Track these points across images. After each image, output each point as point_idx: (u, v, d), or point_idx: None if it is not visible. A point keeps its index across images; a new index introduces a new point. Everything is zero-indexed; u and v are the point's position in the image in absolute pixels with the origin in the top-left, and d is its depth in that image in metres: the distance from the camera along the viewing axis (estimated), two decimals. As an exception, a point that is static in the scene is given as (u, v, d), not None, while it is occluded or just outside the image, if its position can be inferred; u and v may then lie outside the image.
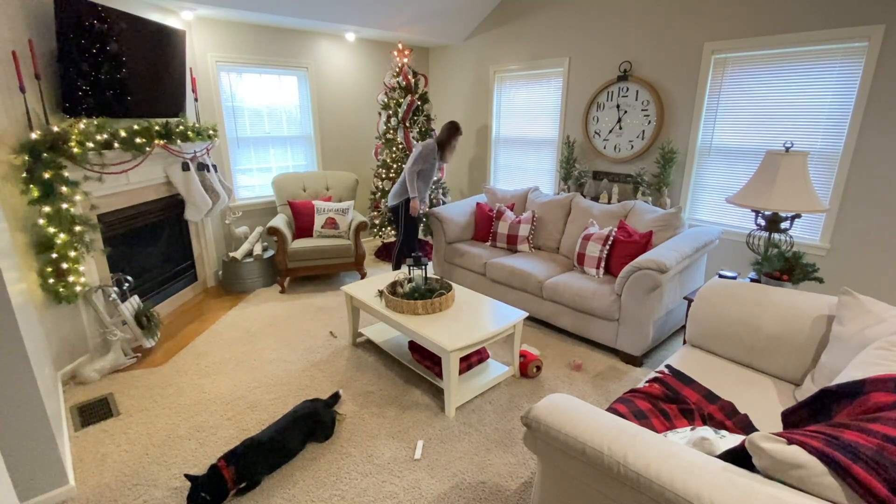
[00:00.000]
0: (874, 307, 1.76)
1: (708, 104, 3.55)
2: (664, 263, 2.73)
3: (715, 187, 3.64)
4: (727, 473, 1.05)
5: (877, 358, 1.47)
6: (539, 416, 1.35)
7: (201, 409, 2.53)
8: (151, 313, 3.16)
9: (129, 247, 3.39)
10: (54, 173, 2.51)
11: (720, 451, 1.19)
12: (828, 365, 1.76)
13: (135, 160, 3.08)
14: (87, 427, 2.39)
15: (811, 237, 3.20)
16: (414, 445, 2.26)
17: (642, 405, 1.72)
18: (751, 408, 1.78)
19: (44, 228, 2.53)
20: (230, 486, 1.91)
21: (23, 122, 2.52)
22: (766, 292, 2.12)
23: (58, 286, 2.60)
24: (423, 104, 4.83)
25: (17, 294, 1.86)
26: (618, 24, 3.95)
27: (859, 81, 2.86)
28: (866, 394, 1.26)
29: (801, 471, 0.98)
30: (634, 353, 2.94)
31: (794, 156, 2.32)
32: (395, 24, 4.67)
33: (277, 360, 3.04)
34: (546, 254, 3.87)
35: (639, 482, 1.11)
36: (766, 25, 3.17)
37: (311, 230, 4.37)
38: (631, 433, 1.21)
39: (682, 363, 2.10)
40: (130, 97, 3.13)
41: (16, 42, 2.50)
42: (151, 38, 3.26)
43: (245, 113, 4.61)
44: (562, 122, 4.53)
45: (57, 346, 2.73)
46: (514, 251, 3.95)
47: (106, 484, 2.03)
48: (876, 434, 0.99)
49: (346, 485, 2.02)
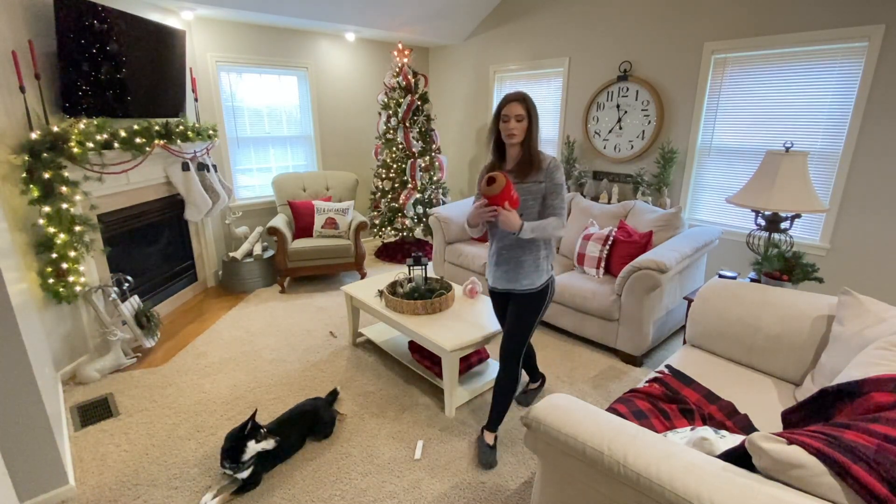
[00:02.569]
0: (874, 307, 1.76)
1: (708, 104, 3.55)
2: (664, 263, 2.73)
3: (715, 187, 3.64)
4: (727, 473, 1.05)
5: (877, 358, 1.47)
6: (539, 416, 1.35)
7: (201, 409, 2.53)
8: (151, 313, 3.16)
9: (129, 247, 3.39)
10: (54, 173, 2.51)
11: (720, 451, 1.19)
12: (828, 365, 1.75)
13: (135, 160, 3.08)
14: (87, 427, 2.38)
15: (811, 237, 3.20)
16: (414, 445, 2.26)
17: (642, 405, 1.72)
18: (751, 408, 1.78)
19: (44, 228, 2.53)
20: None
21: (23, 121, 2.51)
22: (766, 292, 2.12)
23: (58, 286, 2.59)
24: (423, 104, 4.83)
25: (17, 294, 1.86)
26: (618, 24, 3.95)
27: (859, 81, 2.85)
28: (866, 394, 1.26)
29: (801, 471, 0.98)
30: (634, 353, 2.94)
31: (794, 156, 2.32)
32: (394, 24, 4.67)
33: (277, 360, 3.04)
34: (546, 254, 3.86)
35: (639, 482, 1.11)
36: (766, 25, 3.16)
37: (311, 230, 4.36)
38: (631, 433, 1.21)
39: (682, 363, 2.10)
40: (130, 97, 3.13)
41: (16, 42, 2.50)
42: (151, 38, 3.26)
43: (245, 113, 4.61)
44: (562, 121, 4.52)
45: (57, 346, 2.73)
46: (514, 251, 3.94)
47: (106, 484, 2.03)
48: (876, 434, 0.99)
49: (346, 484, 2.02)
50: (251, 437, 1.96)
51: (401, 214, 4.88)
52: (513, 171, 2.00)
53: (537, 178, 1.96)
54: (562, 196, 1.97)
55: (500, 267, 2.11)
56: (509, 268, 2.08)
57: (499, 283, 2.15)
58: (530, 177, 1.96)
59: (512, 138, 1.93)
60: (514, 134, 1.91)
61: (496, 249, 2.12)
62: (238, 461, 1.93)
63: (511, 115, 1.90)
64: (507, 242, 2.06)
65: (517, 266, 2.07)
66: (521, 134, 1.92)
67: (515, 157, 2.01)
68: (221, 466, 1.95)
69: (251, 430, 1.96)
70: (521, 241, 2.03)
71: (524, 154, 1.97)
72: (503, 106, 1.92)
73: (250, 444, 1.94)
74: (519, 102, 1.89)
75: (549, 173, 1.95)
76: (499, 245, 2.10)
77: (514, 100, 1.90)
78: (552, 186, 1.96)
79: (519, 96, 1.90)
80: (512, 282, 2.10)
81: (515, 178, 1.97)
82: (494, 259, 2.14)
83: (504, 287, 2.13)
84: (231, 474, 1.95)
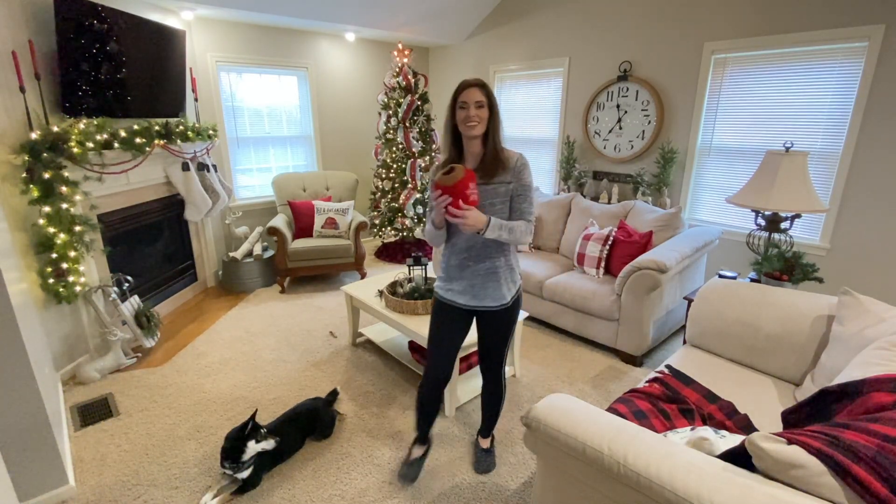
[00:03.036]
0: (874, 307, 1.76)
1: (708, 104, 3.55)
2: (664, 263, 2.72)
3: (715, 187, 3.64)
4: (727, 473, 1.05)
5: (877, 358, 1.47)
6: (539, 416, 1.35)
7: (201, 410, 2.52)
8: (151, 313, 3.15)
9: (129, 247, 3.38)
10: (54, 173, 2.51)
11: (720, 451, 1.19)
12: (828, 365, 1.75)
13: (135, 160, 3.07)
14: (87, 427, 2.38)
15: (811, 237, 3.19)
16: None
17: (642, 405, 1.72)
18: (751, 408, 1.78)
19: (44, 228, 2.53)
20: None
21: (23, 122, 2.51)
22: (766, 292, 2.12)
23: (58, 286, 2.59)
24: (423, 104, 4.83)
25: (18, 294, 1.86)
26: (618, 24, 3.95)
27: (859, 81, 2.85)
28: (866, 394, 1.26)
29: (801, 471, 0.98)
30: (634, 353, 2.94)
31: (794, 156, 2.32)
32: (395, 24, 4.66)
33: (277, 360, 3.03)
34: (546, 254, 3.86)
35: (639, 482, 1.11)
36: (766, 25, 3.16)
37: (311, 230, 4.36)
38: (631, 433, 1.21)
39: (682, 363, 2.10)
40: (130, 97, 3.12)
41: (16, 42, 2.50)
42: (151, 38, 3.25)
43: (245, 113, 4.60)
44: (562, 121, 4.52)
45: (57, 345, 2.72)
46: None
47: (106, 484, 2.03)
48: (876, 434, 0.99)
49: (346, 485, 2.02)
50: (251, 437, 1.96)
51: (401, 214, 4.87)
52: (477, 170, 1.71)
53: (504, 179, 1.71)
54: (530, 199, 1.73)
55: (464, 279, 1.78)
56: (477, 281, 1.77)
57: (461, 299, 1.81)
58: (497, 177, 1.70)
59: (472, 128, 1.65)
60: (475, 122, 1.64)
61: (459, 258, 1.78)
62: (238, 461, 1.93)
63: (470, 102, 1.63)
64: (472, 246, 1.75)
65: (488, 278, 1.77)
66: (483, 124, 1.66)
67: (477, 154, 1.73)
68: (221, 466, 1.95)
69: (251, 431, 1.96)
70: (490, 245, 1.74)
71: (487, 150, 1.70)
72: (460, 92, 1.66)
73: (250, 444, 1.94)
74: (478, 88, 1.64)
75: (517, 172, 1.71)
76: (461, 250, 1.78)
77: (472, 85, 1.65)
78: (520, 188, 1.71)
79: (477, 81, 1.66)
80: (480, 298, 1.79)
81: (480, 178, 1.70)
82: (456, 268, 1.80)
83: (469, 304, 1.81)
84: (231, 474, 1.95)
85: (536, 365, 2.98)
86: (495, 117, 1.68)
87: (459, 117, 1.66)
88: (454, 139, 1.74)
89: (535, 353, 3.12)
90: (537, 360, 3.04)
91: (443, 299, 1.87)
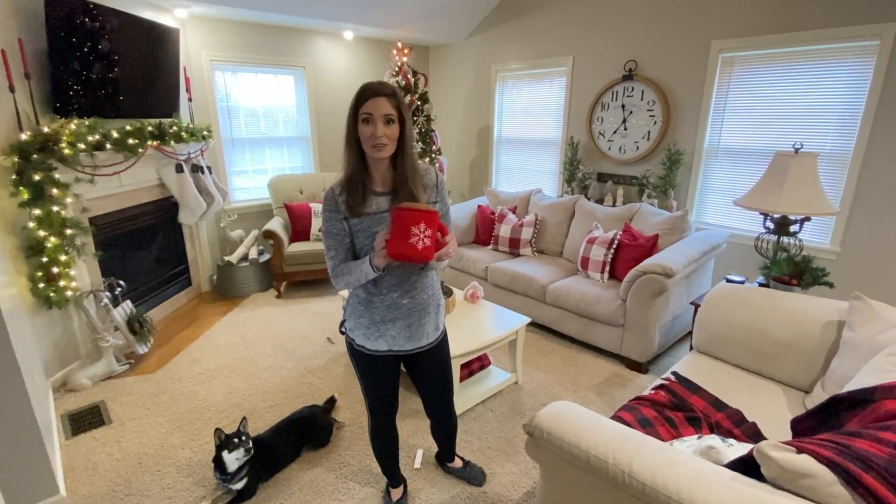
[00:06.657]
0: (885, 312, 1.74)
1: (715, 104, 3.50)
2: (670, 267, 2.67)
3: (722, 189, 3.59)
4: (735, 483, 1.03)
5: (889, 364, 1.45)
6: (542, 424, 1.32)
7: (195, 418, 2.48)
8: (144, 319, 3.11)
9: (121, 250, 3.33)
10: (45, 175, 2.48)
11: (728, 459, 1.17)
12: (838, 371, 1.73)
13: (127, 161, 3.03)
14: (78, 435, 2.35)
15: (821, 241, 3.14)
16: (414, 454, 2.22)
17: (648, 413, 1.69)
18: (759, 416, 1.76)
19: (34, 231, 2.49)
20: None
21: (12, 122, 2.48)
22: (775, 297, 2.08)
23: (48, 291, 2.55)
24: (423, 104, 4.77)
25: (7, 299, 1.83)
26: (623, 23, 3.89)
27: (870, 81, 2.80)
28: (878, 401, 1.24)
29: (811, 480, 0.96)
30: (640, 359, 2.89)
31: (804, 157, 2.28)
32: (394, 22, 4.62)
33: (273, 366, 2.99)
34: (549, 257, 3.82)
35: (644, 492, 1.10)
36: (774, 24, 3.11)
37: (308, 233, 4.31)
38: (636, 442, 1.19)
39: (688, 370, 2.07)
40: (123, 97, 3.08)
41: (5, 40, 2.46)
42: (144, 36, 3.21)
43: (240, 113, 4.55)
44: (565, 122, 4.47)
45: (47, 352, 2.68)
46: (517, 255, 3.89)
47: (97, 494, 1.99)
48: (888, 443, 0.98)
49: (344, 494, 1.98)
50: (224, 447, 1.90)
51: (400, 216, 4.82)
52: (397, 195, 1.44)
53: (429, 198, 1.50)
54: (449, 215, 1.57)
55: (399, 320, 1.52)
56: (413, 320, 1.54)
57: (396, 345, 1.56)
58: (420, 199, 1.44)
59: (379, 150, 1.35)
60: (382, 144, 1.34)
61: (387, 298, 1.50)
62: (226, 472, 1.88)
63: (377, 116, 1.32)
64: (404, 281, 1.50)
65: (424, 313, 1.55)
66: (393, 144, 1.37)
67: (387, 175, 1.46)
68: (215, 476, 1.91)
69: (225, 441, 1.91)
70: (424, 274, 1.54)
71: (401, 172, 1.42)
72: (362, 102, 1.34)
73: (224, 454, 1.89)
74: (386, 98, 1.33)
75: (439, 190, 1.52)
76: (389, 288, 1.49)
77: (378, 94, 1.33)
78: (444, 206, 1.54)
79: (386, 90, 1.34)
80: (416, 338, 1.57)
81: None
82: (386, 310, 1.51)
83: (403, 348, 1.57)
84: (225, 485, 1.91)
85: (539, 371, 2.93)
86: (406, 133, 1.39)
87: (363, 133, 1.35)
88: (360, 153, 1.41)
89: (537, 360, 3.07)
90: (540, 367, 2.99)
91: (372, 353, 1.58)
